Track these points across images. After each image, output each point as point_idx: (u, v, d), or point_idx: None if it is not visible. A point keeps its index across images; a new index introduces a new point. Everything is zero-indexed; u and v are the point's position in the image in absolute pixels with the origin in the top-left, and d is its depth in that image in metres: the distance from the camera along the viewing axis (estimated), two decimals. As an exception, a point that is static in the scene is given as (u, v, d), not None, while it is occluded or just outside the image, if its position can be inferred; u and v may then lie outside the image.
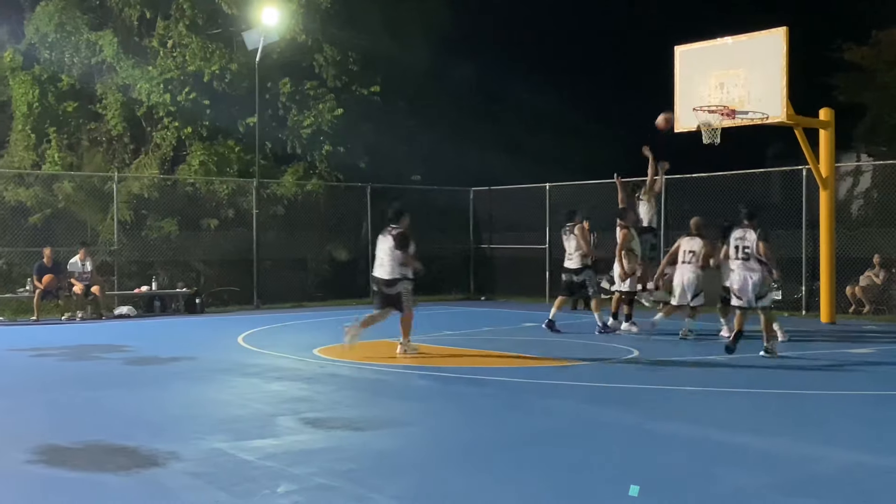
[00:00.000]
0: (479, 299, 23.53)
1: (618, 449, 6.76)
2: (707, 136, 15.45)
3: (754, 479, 5.81)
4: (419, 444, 7.06)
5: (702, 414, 8.20)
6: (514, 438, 7.18)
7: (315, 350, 12.60)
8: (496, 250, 24.76)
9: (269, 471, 6.09)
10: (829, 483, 5.77)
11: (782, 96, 14.76)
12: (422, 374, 10.60)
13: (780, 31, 14.89)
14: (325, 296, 22.39)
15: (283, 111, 24.22)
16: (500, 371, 10.82)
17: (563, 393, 9.33)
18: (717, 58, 15.60)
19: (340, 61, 24.53)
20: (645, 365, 11.17)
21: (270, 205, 23.02)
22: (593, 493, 5.62)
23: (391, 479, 5.94)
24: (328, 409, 8.46)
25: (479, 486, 5.76)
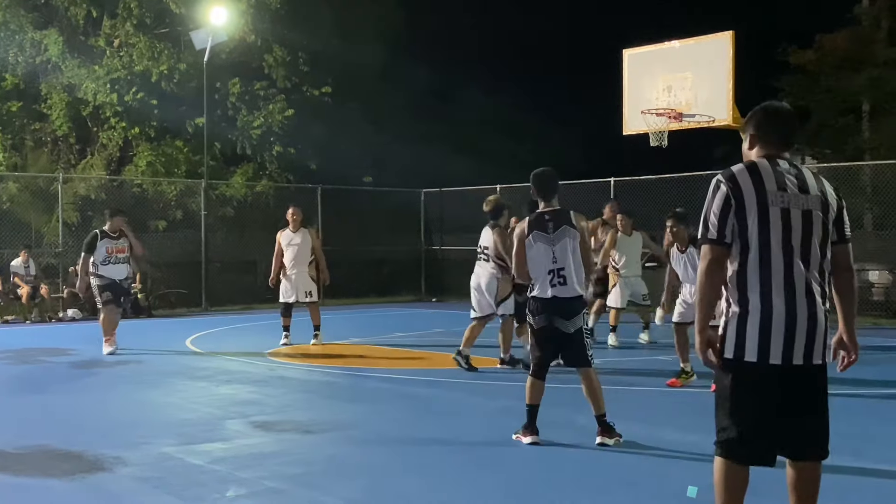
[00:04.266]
0: (431, 301, 23.54)
1: (571, 449, 6.80)
2: (654, 138, 15.60)
3: (706, 477, 5.87)
4: (370, 446, 7.04)
5: (655, 413, 8.28)
6: (466, 439, 7.19)
7: (265, 353, 12.51)
8: (447, 251, 24.78)
9: (218, 475, 6.03)
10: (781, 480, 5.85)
11: (729, 99, 14.95)
12: (372, 376, 10.58)
13: (726, 34, 15.07)
14: (276, 298, 22.18)
15: (233, 111, 24.04)
16: (451, 372, 10.83)
17: (516, 394, 9.33)
18: (665, 61, 15.75)
19: (291, 62, 24.41)
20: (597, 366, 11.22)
21: (219, 206, 22.83)
22: (547, 493, 5.65)
23: (342, 481, 5.92)
24: (278, 412, 8.40)
25: (431, 487, 5.76)
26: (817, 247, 3.93)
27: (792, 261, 3.89)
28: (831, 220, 3.97)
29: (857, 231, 17.47)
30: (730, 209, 3.94)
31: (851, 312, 4.08)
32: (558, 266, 6.83)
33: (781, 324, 3.87)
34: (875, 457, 6.35)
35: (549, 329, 6.83)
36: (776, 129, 4.12)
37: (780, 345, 3.87)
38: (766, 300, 3.89)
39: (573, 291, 6.85)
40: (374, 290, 23.36)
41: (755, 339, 3.90)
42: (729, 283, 4.02)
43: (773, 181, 3.93)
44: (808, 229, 3.91)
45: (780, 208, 3.90)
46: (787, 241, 3.89)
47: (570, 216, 6.94)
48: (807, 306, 3.88)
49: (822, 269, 3.96)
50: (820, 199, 3.95)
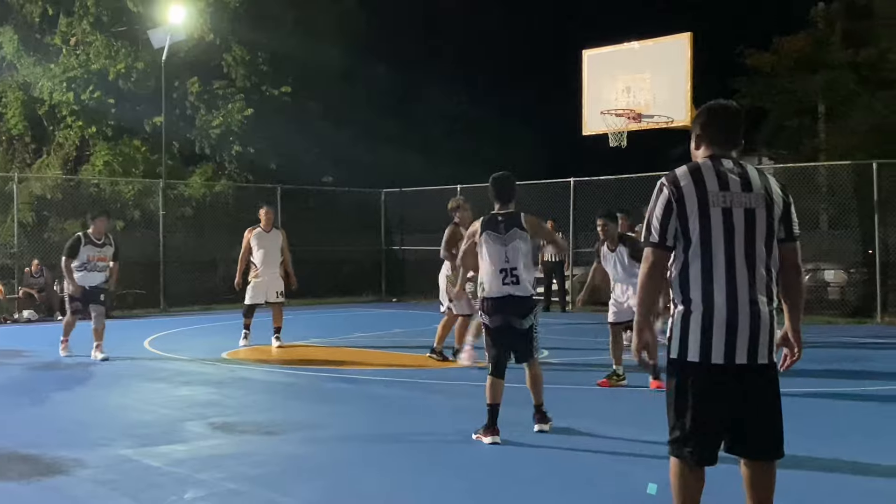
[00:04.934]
0: (391, 301, 23.52)
1: (532, 449, 6.82)
2: (614, 139, 15.71)
3: (660, 475, 5.92)
4: (331, 446, 7.01)
5: (615, 413, 8.33)
6: (427, 439, 7.19)
7: (224, 353, 12.43)
8: (408, 252, 24.77)
9: (177, 477, 5.98)
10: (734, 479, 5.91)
11: (687, 100, 15.09)
12: (333, 377, 10.54)
13: (684, 36, 15.21)
14: (235, 298, 22.04)
15: (192, 111, 23.85)
16: (411, 372, 10.82)
17: (476, 393, 9.35)
18: (624, 62, 15.87)
19: (250, 61, 24.27)
20: (557, 366, 11.29)
21: (178, 206, 22.62)
22: (509, 492, 5.66)
23: (302, 482, 5.89)
24: (237, 413, 8.35)
25: (392, 487, 5.76)
26: (762, 245, 3.92)
27: (734, 260, 3.89)
28: (777, 218, 3.96)
29: (812, 231, 17.72)
30: (671, 212, 3.96)
31: (797, 310, 4.08)
32: (510, 266, 7.03)
33: (723, 323, 3.87)
34: (830, 453, 6.44)
35: (504, 328, 7.02)
36: (720, 129, 4.12)
37: (721, 344, 3.88)
38: (708, 300, 3.90)
39: (525, 290, 7.08)
40: (334, 291, 23.28)
41: (697, 338, 3.91)
42: (673, 283, 4.03)
43: (715, 181, 3.94)
44: (752, 228, 3.90)
45: (721, 208, 3.90)
46: (729, 241, 3.89)
47: (520, 218, 7.15)
48: (749, 305, 3.88)
49: (768, 268, 3.95)
50: (764, 197, 3.94)
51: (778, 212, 3.97)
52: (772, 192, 3.98)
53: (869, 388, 9.41)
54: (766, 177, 4.04)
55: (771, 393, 3.99)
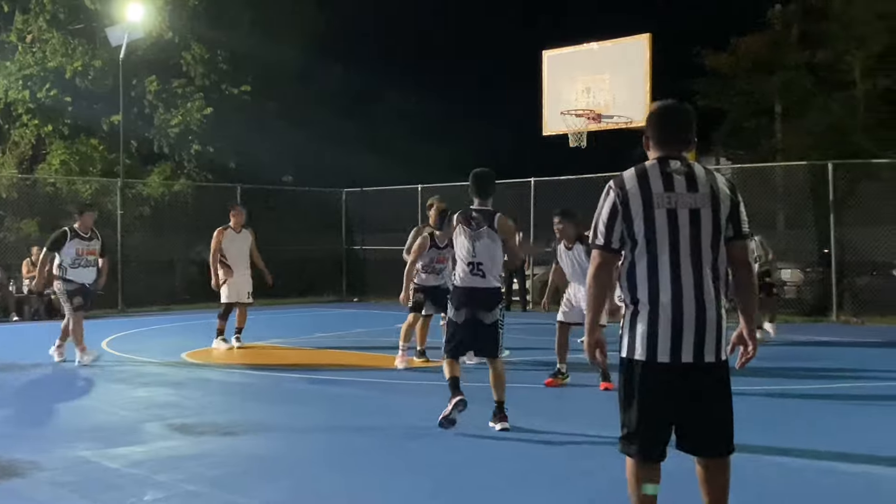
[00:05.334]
0: (352, 301, 23.46)
1: (494, 447, 6.85)
2: (573, 139, 15.80)
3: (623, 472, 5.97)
4: (291, 447, 6.99)
5: (575, 411, 8.38)
6: (388, 439, 7.18)
7: (183, 354, 12.33)
8: (368, 251, 24.72)
9: (136, 478, 5.93)
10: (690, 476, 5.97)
11: (646, 101, 15.20)
12: (293, 377, 10.50)
13: (643, 37, 15.34)
14: (194, 298, 21.90)
15: (150, 109, 23.64)
16: (373, 372, 10.81)
17: (437, 392, 9.37)
18: (584, 63, 15.97)
19: (209, 59, 24.10)
20: (515, 364, 11.32)
21: (136, 205, 22.40)
22: (471, 492, 5.67)
23: (263, 483, 5.87)
24: (196, 414, 8.29)
25: (353, 487, 5.75)
26: (708, 245, 3.95)
27: (679, 260, 3.93)
28: (724, 217, 3.97)
29: (769, 231, 17.91)
30: (617, 215, 4.02)
31: (750, 308, 4.10)
32: (477, 260, 7.32)
33: (668, 322, 3.92)
34: (781, 450, 6.52)
35: (469, 322, 7.29)
36: (669, 130, 4.15)
37: (667, 343, 3.93)
38: (654, 300, 3.96)
39: (491, 284, 7.34)
40: (294, 291, 23.16)
41: (644, 337, 3.97)
42: (622, 283, 4.09)
43: (660, 183, 3.98)
44: (697, 228, 3.94)
45: (665, 209, 3.94)
46: (673, 242, 3.93)
47: (494, 218, 7.37)
48: (695, 305, 3.92)
49: (716, 267, 3.98)
50: (710, 197, 3.96)
51: (725, 211, 3.98)
52: (718, 192, 3.99)
53: (823, 385, 9.54)
54: (714, 176, 4.06)
55: (719, 391, 4.02)
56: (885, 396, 8.94)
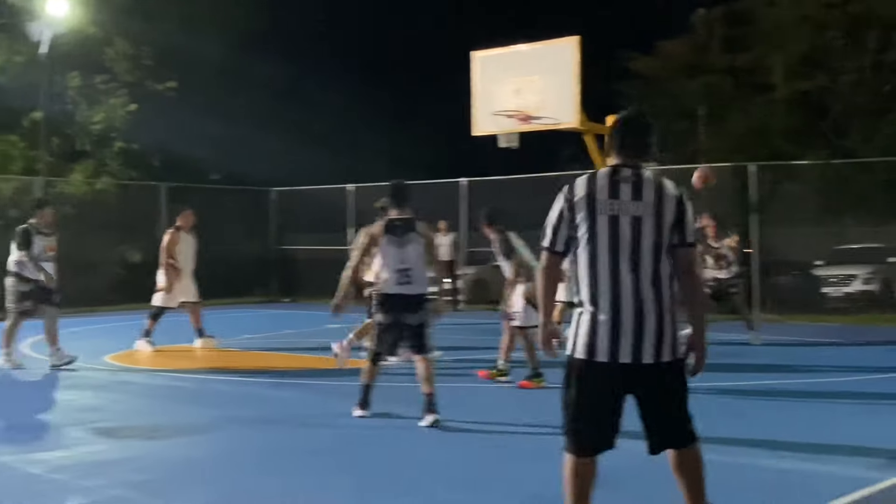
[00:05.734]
0: (283, 301, 23.25)
1: (427, 449, 6.85)
2: (504, 140, 15.87)
3: (555, 471, 6.01)
4: (219, 451, 6.90)
5: (508, 411, 8.41)
6: (319, 442, 7.14)
7: (106, 357, 12.09)
8: (299, 251, 24.52)
9: (59, 484, 5.79)
10: (627, 474, 6.04)
11: (575, 103, 15.34)
12: (220, 380, 10.37)
13: (572, 39, 15.46)
14: (118, 299, 21.46)
15: (72, 106, 23.13)
16: (303, 374, 10.74)
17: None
18: (514, 64, 16.03)
19: (133, 55, 23.69)
20: (447, 363, 11.34)
21: (58, 204, 21.87)
22: (403, 493, 5.66)
23: (190, 488, 5.78)
24: (121, 417, 8.14)
25: (283, 491, 5.69)
26: (649, 251, 4.07)
27: (618, 265, 4.07)
28: (667, 226, 4.10)
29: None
30: (562, 220, 4.19)
31: (697, 315, 4.24)
32: (406, 266, 7.62)
33: (607, 324, 4.06)
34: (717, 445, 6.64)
35: (395, 324, 7.62)
36: (627, 139, 4.30)
37: (605, 343, 4.07)
38: (594, 302, 4.10)
39: (418, 289, 7.67)
40: (222, 291, 22.81)
41: (585, 337, 4.11)
42: (571, 285, 4.28)
43: (606, 190, 4.12)
44: (637, 235, 4.07)
45: (608, 216, 4.09)
46: (614, 247, 4.07)
47: (416, 225, 7.74)
48: (633, 308, 4.05)
49: (657, 273, 4.09)
50: (653, 206, 4.09)
51: (669, 220, 4.11)
52: (664, 202, 4.12)
53: (749, 382, 9.74)
54: (664, 187, 4.17)
55: (663, 389, 4.16)
56: (805, 393, 9.17)
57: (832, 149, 23.53)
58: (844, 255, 19.22)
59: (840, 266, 19.06)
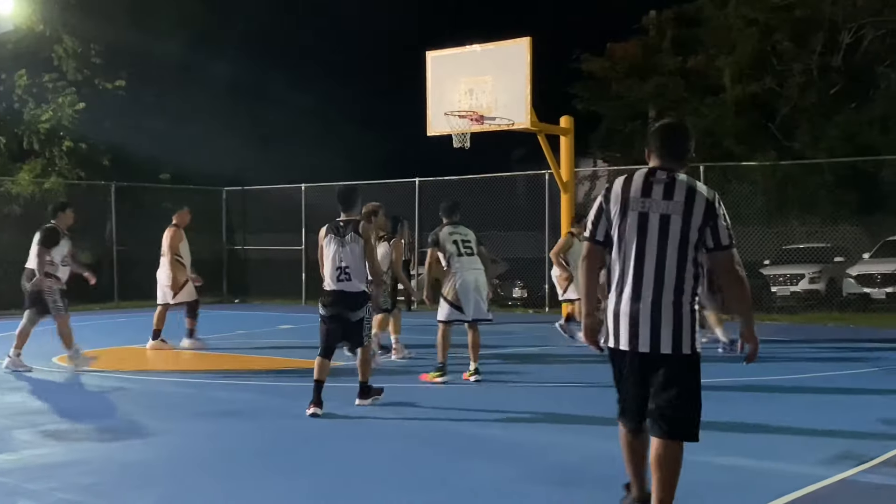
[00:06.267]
0: (233, 302, 23.07)
1: (378, 447, 6.85)
2: (457, 140, 15.90)
3: (504, 470, 6.06)
4: (170, 453, 6.83)
5: (457, 408, 8.43)
6: (271, 443, 7.11)
7: (54, 359, 11.91)
8: (251, 251, 24.37)
9: (5, 487, 5.70)
10: (571, 471, 6.10)
11: (527, 103, 15.42)
12: (171, 381, 10.28)
13: (524, 40, 15.54)
14: (67, 300, 21.15)
15: (19, 104, 22.74)
16: (255, 375, 10.67)
17: (322, 395, 9.31)
18: (467, 64, 16.08)
19: (82, 53, 23.36)
20: (398, 363, 11.35)
21: (4, 204, 21.53)
22: (356, 493, 5.66)
23: (140, 490, 5.72)
24: (70, 420, 8.03)
25: (232, 493, 5.65)
26: (674, 248, 4.36)
27: (643, 258, 4.39)
28: (694, 226, 4.36)
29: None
30: (601, 213, 4.56)
31: (741, 309, 4.57)
32: (344, 265, 8.03)
33: (627, 315, 4.41)
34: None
35: (336, 318, 8.05)
36: (662, 144, 4.61)
37: (626, 333, 4.43)
38: (620, 293, 4.47)
39: (356, 287, 8.06)
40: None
41: (612, 326, 4.50)
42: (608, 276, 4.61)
43: (640, 189, 4.45)
44: (665, 232, 4.36)
45: (638, 213, 4.41)
46: (640, 241, 4.40)
47: (359, 225, 8.14)
48: (651, 301, 4.36)
49: (681, 268, 4.37)
50: (682, 205, 4.37)
51: (697, 222, 4.37)
52: (693, 203, 4.39)
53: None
54: (697, 190, 4.44)
55: (675, 380, 4.42)
56: (753, 390, 9.30)
57: (780, 150, 23.90)
58: (791, 255, 19.54)
59: (787, 266, 19.37)
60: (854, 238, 19.98)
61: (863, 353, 12.52)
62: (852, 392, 9.28)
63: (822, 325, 16.43)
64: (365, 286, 8.07)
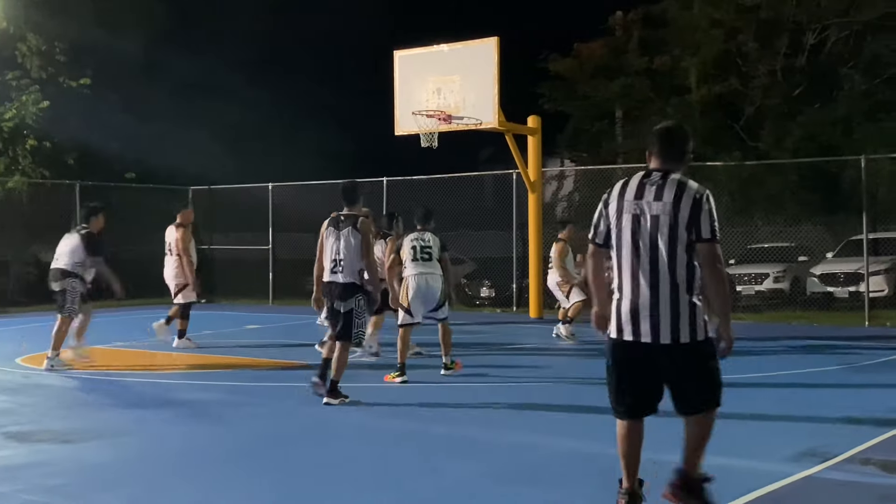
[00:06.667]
0: (200, 302, 22.87)
1: (347, 447, 6.84)
2: (425, 139, 15.92)
3: (473, 469, 6.07)
4: (138, 454, 6.78)
5: (423, 408, 8.44)
6: (241, 443, 7.07)
7: (18, 359, 11.77)
8: (217, 251, 24.20)
9: (-32, 491, 5.63)
10: (540, 470, 6.13)
11: (494, 103, 15.47)
12: (138, 382, 10.19)
13: (492, 40, 15.58)
14: (30, 301, 20.92)
15: (-18, 102, 22.45)
16: (222, 375, 10.61)
17: (289, 395, 9.29)
18: (435, 64, 16.10)
19: (46, 51, 23.09)
20: (368, 363, 11.33)
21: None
22: (325, 494, 5.64)
23: (107, 492, 5.67)
24: (34, 421, 7.94)
25: (199, 495, 5.62)
26: (665, 246, 4.66)
27: (639, 257, 4.72)
28: (682, 223, 4.64)
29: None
30: (601, 216, 4.92)
31: (716, 304, 4.77)
32: (339, 257, 8.31)
33: (629, 308, 4.74)
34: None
35: (331, 308, 8.41)
36: (661, 147, 4.91)
37: (629, 325, 4.75)
38: (621, 289, 4.81)
39: (348, 279, 8.29)
40: (139, 292, 22.39)
41: (615, 320, 4.82)
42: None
43: (634, 192, 4.78)
44: (655, 231, 4.67)
45: (632, 214, 4.74)
46: (635, 241, 4.73)
47: (357, 221, 8.35)
48: (649, 295, 4.68)
49: (674, 265, 4.66)
50: (671, 206, 4.66)
51: (685, 217, 4.64)
52: (680, 201, 4.67)
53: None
54: (684, 189, 4.71)
55: (681, 364, 4.72)
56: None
57: (745, 150, 24.11)
58: (756, 255, 19.72)
59: (752, 265, 19.55)
60: (818, 238, 20.20)
61: (826, 351, 12.67)
62: (816, 390, 9.41)
63: (787, 323, 16.61)
64: (356, 279, 8.25)
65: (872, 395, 9.02)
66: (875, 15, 23.24)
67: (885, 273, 17.90)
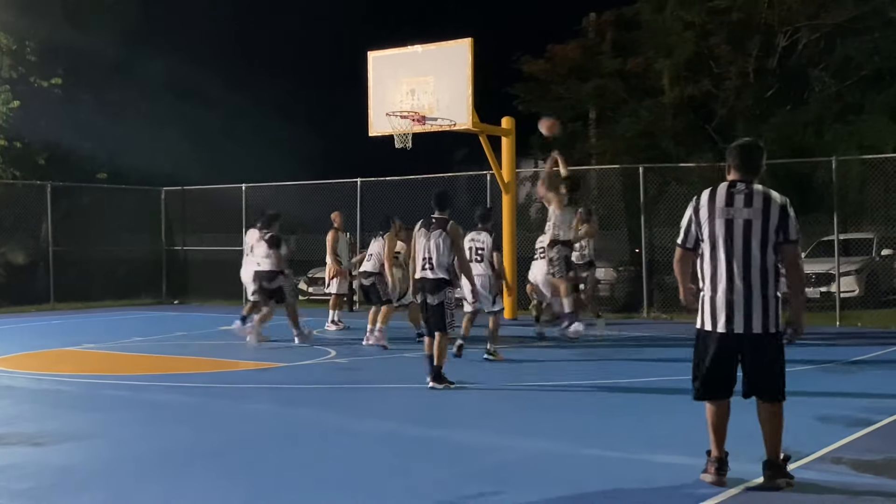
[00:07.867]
0: (172, 303, 22.77)
1: (319, 449, 6.82)
2: (399, 140, 15.90)
3: (445, 470, 6.07)
4: (108, 456, 6.73)
5: (396, 410, 8.44)
6: (212, 445, 7.04)
7: (-11, 361, 11.66)
8: (190, 252, 24.06)
9: (-65, 495, 5.57)
10: (512, 471, 6.13)
11: (468, 104, 15.47)
12: (108, 384, 10.11)
13: (465, 41, 15.59)
14: (1, 302, 20.74)
15: (-49, 102, 22.20)
16: (194, 377, 10.55)
17: (262, 396, 9.26)
18: (409, 64, 16.09)
19: (16, 51, 22.87)
20: (342, 365, 11.32)
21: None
22: (295, 495, 5.62)
23: (77, 494, 5.63)
24: (3, 424, 7.86)
25: (174, 496, 5.59)
26: (756, 247, 5.37)
27: (732, 257, 5.40)
28: (772, 227, 5.38)
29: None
30: (691, 222, 5.62)
31: (795, 297, 5.57)
32: (428, 256, 9.24)
33: (723, 303, 5.42)
34: (602, 444, 6.78)
35: (423, 302, 9.29)
36: (738, 161, 5.63)
37: (723, 318, 5.42)
38: (714, 286, 5.47)
39: (437, 274, 9.22)
40: (110, 293, 22.24)
41: (709, 313, 5.49)
42: (699, 273, 5.58)
43: (724, 199, 5.48)
44: (748, 234, 5.38)
45: (724, 219, 5.43)
46: (728, 243, 5.41)
47: (447, 224, 9.28)
48: (743, 291, 5.36)
49: (764, 263, 5.37)
50: (761, 211, 5.39)
51: (774, 222, 5.39)
52: (770, 208, 5.41)
53: (626, 379, 9.97)
54: (770, 198, 5.45)
55: (765, 355, 5.46)
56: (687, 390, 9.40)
57: (717, 151, 24.22)
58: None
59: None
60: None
61: (797, 351, 12.71)
62: (787, 390, 9.44)
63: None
64: (445, 275, 9.18)
65: (843, 395, 9.12)
66: (844, 17, 23.42)
67: (855, 273, 18.08)
